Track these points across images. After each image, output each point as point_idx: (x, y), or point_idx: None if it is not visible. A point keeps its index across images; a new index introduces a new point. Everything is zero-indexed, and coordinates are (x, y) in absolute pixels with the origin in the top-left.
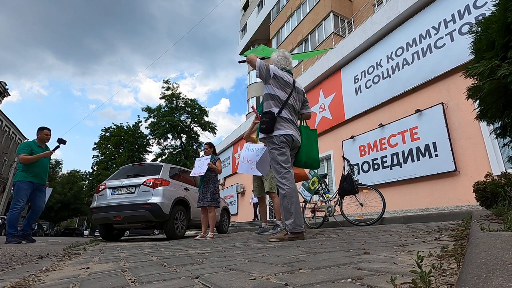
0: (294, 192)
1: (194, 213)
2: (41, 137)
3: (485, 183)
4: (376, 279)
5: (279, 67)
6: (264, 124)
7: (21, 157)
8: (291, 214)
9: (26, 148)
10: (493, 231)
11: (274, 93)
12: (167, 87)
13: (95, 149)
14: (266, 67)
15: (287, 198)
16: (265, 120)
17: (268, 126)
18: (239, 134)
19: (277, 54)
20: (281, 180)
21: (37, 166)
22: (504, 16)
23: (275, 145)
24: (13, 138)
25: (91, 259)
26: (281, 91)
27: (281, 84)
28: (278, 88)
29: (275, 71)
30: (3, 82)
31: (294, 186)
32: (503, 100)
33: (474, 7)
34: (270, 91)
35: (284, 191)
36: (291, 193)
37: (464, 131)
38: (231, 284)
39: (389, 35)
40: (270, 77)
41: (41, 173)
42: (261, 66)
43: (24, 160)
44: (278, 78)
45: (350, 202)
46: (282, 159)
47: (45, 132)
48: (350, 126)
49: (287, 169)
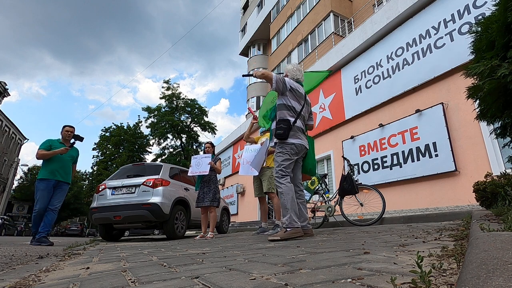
0: (290, 190)
1: (194, 213)
2: (64, 135)
3: (485, 183)
4: (376, 279)
5: (294, 77)
6: (282, 130)
7: (37, 152)
8: (287, 210)
9: (44, 144)
10: (493, 231)
11: (290, 104)
12: (167, 87)
13: (95, 149)
14: (282, 80)
15: (284, 195)
16: (283, 127)
17: (285, 133)
18: (239, 134)
19: (293, 66)
20: (280, 180)
21: (54, 162)
22: (504, 15)
23: (284, 151)
24: (13, 138)
25: (91, 259)
26: (296, 103)
27: (296, 95)
28: (294, 99)
29: (291, 83)
30: (3, 82)
31: (291, 185)
32: (503, 100)
33: (473, 7)
34: (286, 102)
35: (281, 189)
36: (287, 191)
37: (464, 131)
38: (231, 284)
39: (389, 35)
40: (287, 89)
41: (58, 169)
42: (277, 80)
43: (39, 156)
44: (294, 90)
45: (350, 202)
46: (286, 165)
47: (66, 129)
48: (350, 126)
49: (287, 174)
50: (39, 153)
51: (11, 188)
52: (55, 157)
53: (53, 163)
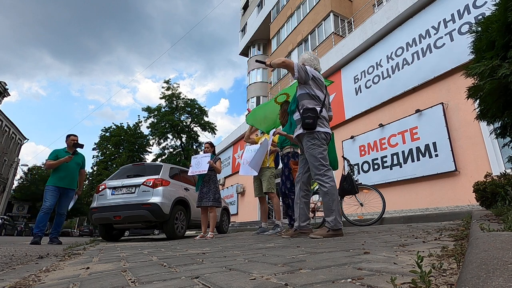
0: (335, 190)
1: (194, 213)
2: (68, 143)
3: (485, 183)
4: (376, 279)
5: (312, 67)
6: (311, 119)
7: (46, 163)
8: (332, 211)
9: (51, 155)
10: (493, 231)
11: (314, 93)
12: (168, 87)
13: (95, 149)
14: (304, 68)
15: (329, 196)
16: (311, 116)
17: (314, 122)
18: (239, 134)
19: (309, 55)
20: (322, 178)
21: (61, 171)
22: (504, 15)
23: (316, 141)
24: (13, 138)
25: (91, 259)
26: (320, 91)
27: (319, 84)
28: (317, 88)
29: (313, 72)
30: (3, 82)
31: (335, 183)
32: (503, 100)
33: (473, 7)
34: (310, 91)
35: (326, 188)
36: (332, 191)
37: (464, 131)
38: (231, 284)
39: (389, 35)
40: (309, 78)
41: (67, 177)
42: (299, 68)
43: (48, 166)
44: (316, 79)
45: (350, 202)
46: (322, 156)
47: (71, 138)
48: (350, 126)
49: (327, 166)
50: (47, 164)
51: (11, 188)
52: (62, 165)
53: (60, 171)
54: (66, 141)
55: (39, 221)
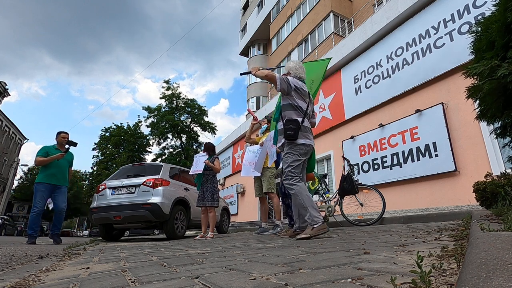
0: (302, 189)
1: (194, 213)
2: (59, 141)
3: (485, 183)
4: (376, 279)
5: (297, 75)
6: (292, 131)
7: (35, 159)
8: (306, 208)
9: (41, 151)
10: (493, 231)
11: (296, 104)
12: (168, 87)
13: (95, 149)
14: (286, 80)
15: (298, 196)
16: (292, 127)
17: (295, 134)
18: (239, 134)
19: (295, 63)
20: (289, 182)
21: (52, 168)
22: (504, 16)
23: (294, 151)
24: (13, 138)
25: (91, 259)
26: (302, 102)
27: (301, 94)
28: (299, 99)
29: (295, 82)
30: (3, 82)
31: (302, 184)
32: (503, 100)
33: (473, 7)
34: (293, 102)
35: (293, 190)
36: (300, 190)
37: (464, 131)
38: (231, 284)
39: (389, 35)
40: (292, 89)
41: (57, 173)
42: (281, 80)
43: (38, 162)
44: (299, 90)
45: (350, 202)
46: (295, 166)
47: (62, 136)
48: (350, 126)
49: (297, 175)
50: (37, 160)
51: (11, 188)
52: (53, 162)
53: (51, 168)
54: (56, 138)
55: (32, 222)
